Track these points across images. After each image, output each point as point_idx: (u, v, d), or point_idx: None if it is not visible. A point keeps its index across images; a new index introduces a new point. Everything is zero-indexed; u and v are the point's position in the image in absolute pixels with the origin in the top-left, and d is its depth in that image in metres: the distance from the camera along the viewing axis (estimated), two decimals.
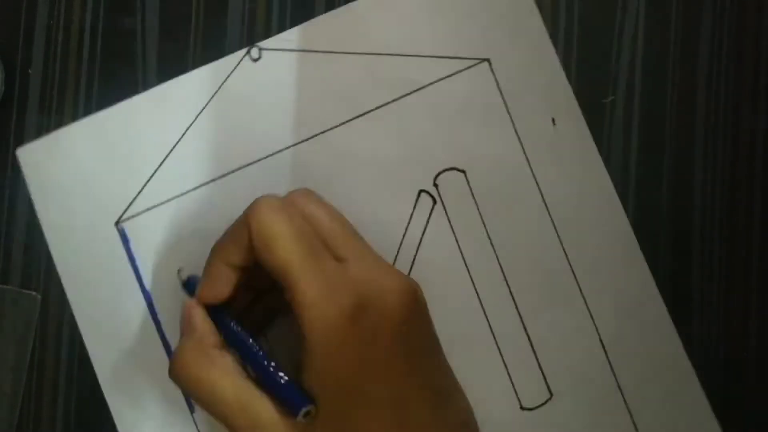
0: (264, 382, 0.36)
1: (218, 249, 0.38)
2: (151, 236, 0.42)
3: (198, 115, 0.42)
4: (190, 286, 0.40)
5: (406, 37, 0.43)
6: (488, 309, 0.43)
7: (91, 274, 0.42)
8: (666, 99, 0.44)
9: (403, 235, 0.43)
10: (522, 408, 0.43)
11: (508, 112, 0.43)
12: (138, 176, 0.42)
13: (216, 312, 0.38)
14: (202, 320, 0.38)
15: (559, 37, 0.44)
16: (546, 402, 0.43)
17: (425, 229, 0.43)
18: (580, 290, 0.43)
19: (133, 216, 0.42)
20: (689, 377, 0.43)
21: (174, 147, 0.42)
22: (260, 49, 0.43)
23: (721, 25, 0.44)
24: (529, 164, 0.43)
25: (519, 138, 0.43)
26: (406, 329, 0.36)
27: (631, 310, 0.43)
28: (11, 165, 0.43)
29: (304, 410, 0.35)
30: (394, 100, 0.43)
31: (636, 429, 0.43)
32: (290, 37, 0.43)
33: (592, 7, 0.44)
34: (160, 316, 0.42)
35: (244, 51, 0.43)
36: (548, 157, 0.43)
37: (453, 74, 0.43)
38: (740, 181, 0.44)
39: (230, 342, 0.37)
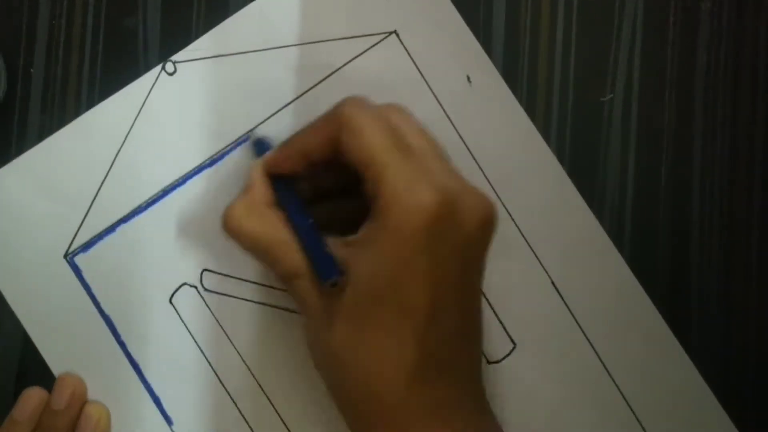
0: (305, 244, 0.37)
1: (299, 135, 0.39)
2: (102, 263, 0.43)
3: (125, 139, 0.43)
4: (257, 145, 0.42)
5: (313, 24, 0.44)
6: None
7: (49, 310, 0.42)
8: (664, 97, 0.44)
9: None
10: (489, 362, 0.43)
11: (424, 78, 0.44)
12: (78, 208, 0.43)
13: (276, 176, 0.39)
14: (259, 177, 0.39)
15: (557, 36, 0.44)
16: (511, 352, 0.43)
17: None
18: (525, 238, 0.43)
19: (80, 247, 0.43)
20: (645, 305, 0.43)
21: (107, 174, 0.43)
22: (174, 63, 0.43)
23: (720, 25, 0.44)
24: (453, 124, 0.44)
25: (438, 101, 0.44)
26: (472, 246, 0.36)
27: (578, 250, 0.43)
28: None
29: (332, 279, 0.36)
30: (312, 87, 0.44)
31: (605, 367, 0.43)
32: (202, 45, 0.44)
33: (590, 6, 0.45)
34: (123, 338, 0.43)
35: (159, 68, 0.43)
36: (469, 113, 0.44)
37: (364, 51, 0.44)
38: (739, 180, 0.44)
39: (283, 201, 0.39)
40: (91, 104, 0.44)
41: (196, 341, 0.43)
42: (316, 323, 0.37)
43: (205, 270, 0.43)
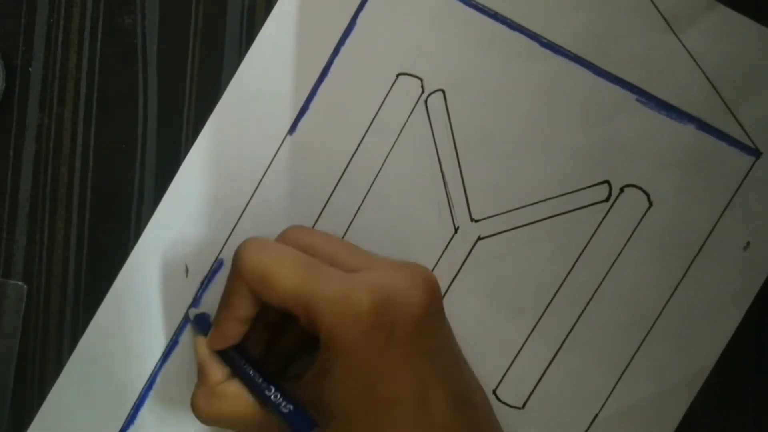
0: (273, 409, 0.37)
1: (223, 304, 0.38)
2: None
3: None
4: (198, 323, 0.41)
5: None
6: None
7: None
8: None
9: None
10: (494, 392, 0.44)
11: None
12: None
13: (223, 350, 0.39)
14: (207, 357, 0.39)
15: None
16: (513, 407, 0.44)
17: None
18: None
19: None
20: None
21: None
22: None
23: None
24: None
25: None
26: (426, 325, 0.36)
27: None
28: (11, 162, 0.44)
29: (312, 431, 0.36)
30: None
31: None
32: None
33: None
34: None
35: None
36: None
37: None
38: None
39: (237, 370, 0.39)
40: (89, 103, 0.44)
41: None
42: None
43: None
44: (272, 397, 0.37)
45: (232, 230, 0.44)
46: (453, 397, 0.36)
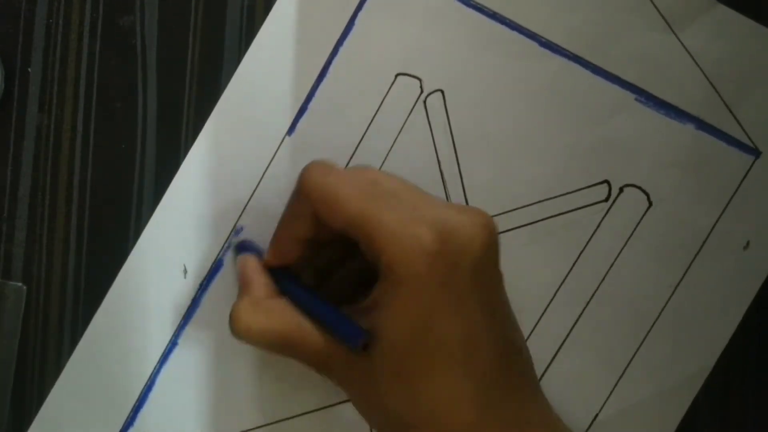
0: (323, 319, 0.36)
1: (283, 223, 0.38)
2: None
3: None
4: (240, 249, 0.41)
5: None
6: None
7: None
8: None
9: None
10: None
11: None
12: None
13: (273, 270, 0.39)
14: (256, 273, 0.39)
15: None
16: None
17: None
18: None
19: None
20: None
21: None
22: None
23: None
24: None
25: None
26: (484, 268, 0.35)
27: None
28: (11, 163, 0.44)
29: (362, 340, 0.35)
30: None
31: None
32: None
33: None
34: None
35: None
36: None
37: None
38: None
39: (286, 290, 0.38)
40: (89, 103, 0.44)
41: None
42: (363, 394, 0.36)
43: None
44: (323, 306, 0.37)
45: (231, 231, 0.44)
46: (498, 345, 0.36)
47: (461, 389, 0.35)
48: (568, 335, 0.44)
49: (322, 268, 0.41)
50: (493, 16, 0.44)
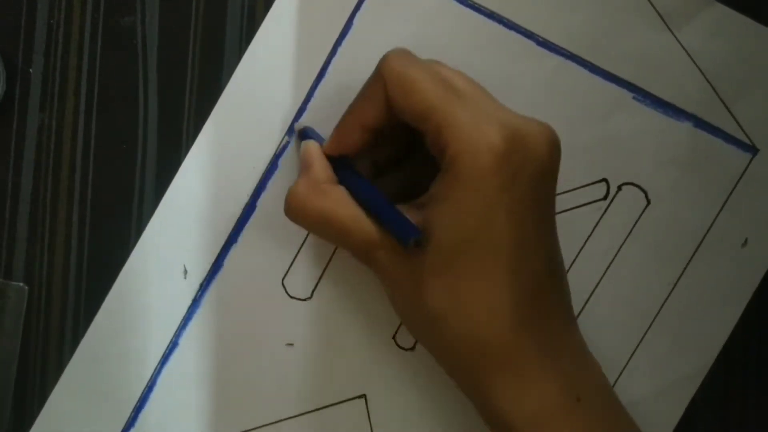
0: (378, 211, 0.36)
1: (353, 109, 0.38)
2: None
3: None
4: (305, 135, 0.41)
5: None
6: None
7: None
8: None
9: None
10: None
11: None
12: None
13: (333, 157, 0.39)
14: (317, 158, 0.39)
15: None
16: None
17: None
18: None
19: None
20: None
21: None
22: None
23: None
24: None
25: None
26: (546, 177, 0.36)
27: None
28: (12, 163, 0.44)
29: (415, 238, 0.35)
30: None
31: None
32: None
33: None
34: None
35: None
36: None
37: None
38: None
39: (344, 180, 0.38)
40: (90, 104, 0.44)
41: None
42: (405, 289, 0.36)
43: None
44: (380, 199, 0.36)
45: (231, 232, 0.44)
46: (545, 262, 0.36)
47: (502, 301, 0.35)
48: None
49: (379, 165, 0.41)
50: (491, 15, 0.44)
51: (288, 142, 0.44)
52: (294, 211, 0.38)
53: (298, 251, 0.44)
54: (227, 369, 0.44)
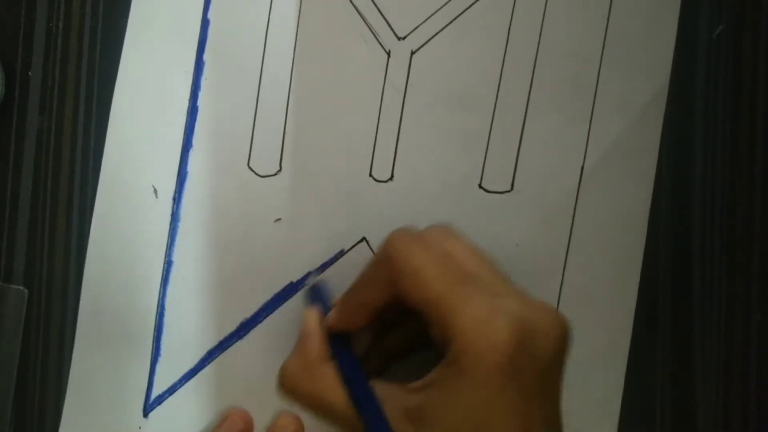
0: (360, 409, 0.36)
1: (357, 289, 0.38)
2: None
3: None
4: (313, 293, 0.41)
5: None
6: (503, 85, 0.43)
7: None
8: None
9: None
10: (480, 186, 0.43)
11: None
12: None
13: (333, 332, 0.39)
14: (314, 334, 0.38)
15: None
16: (504, 192, 0.44)
17: None
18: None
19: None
20: None
21: None
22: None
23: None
24: None
25: None
26: (551, 373, 0.35)
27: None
28: (12, 167, 0.44)
29: None
30: None
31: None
32: None
33: None
34: None
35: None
36: None
37: None
38: (741, 180, 0.43)
39: (336, 353, 0.38)
40: (89, 107, 0.44)
41: None
42: None
43: None
44: (365, 396, 0.36)
45: (183, 140, 0.44)
46: None
47: None
48: (528, 104, 0.43)
49: (377, 331, 0.41)
50: None
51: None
52: (286, 389, 0.38)
53: (253, 130, 0.44)
54: (223, 268, 0.44)
